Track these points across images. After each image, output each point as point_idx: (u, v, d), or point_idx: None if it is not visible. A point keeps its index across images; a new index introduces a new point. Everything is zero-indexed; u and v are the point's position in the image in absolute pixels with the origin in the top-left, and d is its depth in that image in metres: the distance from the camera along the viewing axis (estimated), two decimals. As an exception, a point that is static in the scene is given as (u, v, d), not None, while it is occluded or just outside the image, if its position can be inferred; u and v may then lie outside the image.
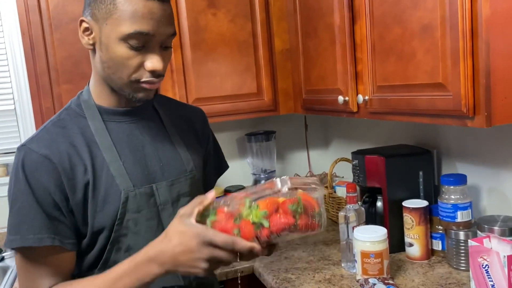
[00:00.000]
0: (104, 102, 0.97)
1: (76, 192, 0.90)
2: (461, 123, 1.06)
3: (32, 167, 0.88)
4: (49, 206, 0.88)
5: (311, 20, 1.66)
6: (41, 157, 0.88)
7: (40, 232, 0.86)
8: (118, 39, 0.86)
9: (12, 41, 1.93)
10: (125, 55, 0.87)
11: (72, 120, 0.96)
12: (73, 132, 0.93)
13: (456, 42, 1.01)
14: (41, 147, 0.89)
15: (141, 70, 0.89)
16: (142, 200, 0.94)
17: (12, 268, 1.74)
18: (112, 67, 0.89)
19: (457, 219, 1.35)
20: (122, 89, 0.92)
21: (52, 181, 0.88)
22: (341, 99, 1.46)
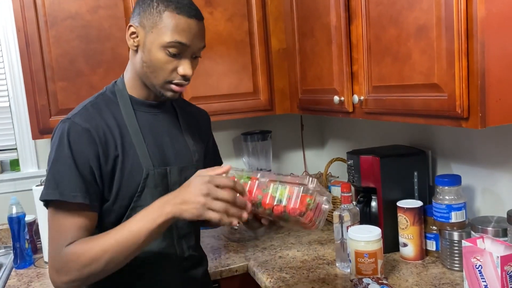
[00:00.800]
0: (136, 93, 1.15)
1: (108, 162, 1.06)
2: (455, 124, 1.06)
3: (76, 136, 1.04)
4: (85, 170, 1.03)
5: (307, 20, 1.66)
6: (83, 129, 1.04)
7: (75, 190, 1.01)
8: (159, 46, 1.05)
9: (7, 38, 1.92)
10: (163, 60, 1.06)
11: (106, 104, 1.13)
12: (107, 115, 1.10)
13: (452, 43, 1.01)
14: (84, 121, 1.06)
15: (174, 73, 1.08)
16: (158, 179, 1.12)
17: (5, 266, 1.73)
18: (151, 67, 1.08)
19: (451, 219, 1.35)
20: (154, 86, 1.10)
21: (91, 150, 1.04)
22: (336, 99, 1.46)
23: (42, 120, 1.66)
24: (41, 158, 2.01)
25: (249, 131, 2.21)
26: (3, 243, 1.93)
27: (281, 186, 1.00)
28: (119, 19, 1.71)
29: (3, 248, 1.89)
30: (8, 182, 1.96)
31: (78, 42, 1.67)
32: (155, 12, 1.05)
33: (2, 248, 1.89)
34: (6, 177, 1.96)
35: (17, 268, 1.70)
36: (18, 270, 1.69)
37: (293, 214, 0.97)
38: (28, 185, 1.93)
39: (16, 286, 1.55)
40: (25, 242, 1.70)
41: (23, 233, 1.70)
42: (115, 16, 1.70)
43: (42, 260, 1.74)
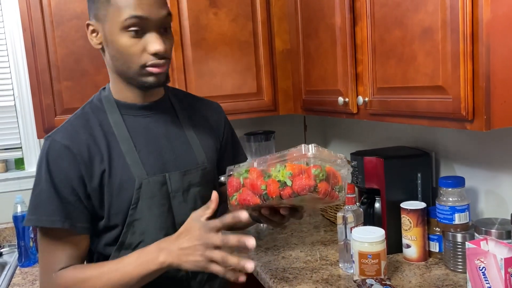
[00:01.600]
0: (122, 97, 1.06)
1: (93, 179, 0.99)
2: (460, 126, 1.06)
3: (54, 155, 0.97)
4: (66, 192, 0.97)
5: (312, 21, 1.67)
6: (62, 147, 0.98)
7: (53, 215, 0.95)
8: (118, 29, 0.95)
9: (13, 37, 1.93)
10: (128, 43, 0.95)
11: (94, 113, 1.05)
12: (94, 125, 1.03)
13: (457, 45, 1.01)
14: (64, 138, 0.99)
15: (145, 54, 0.97)
16: (155, 188, 1.03)
17: (9, 264, 1.74)
18: (120, 59, 0.98)
19: (454, 221, 1.35)
20: (134, 78, 1.00)
21: (71, 168, 0.97)
22: (341, 100, 1.47)
23: (47, 119, 1.67)
24: (45, 157, 2.01)
25: (252, 131, 2.22)
26: (8, 241, 1.94)
27: (281, 166, 0.88)
28: (124, 19, 1.71)
29: (8, 247, 1.90)
30: (13, 181, 1.97)
31: (83, 42, 1.68)
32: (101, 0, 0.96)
33: (7, 247, 1.91)
34: (10, 175, 1.97)
35: (21, 266, 1.70)
36: (22, 268, 1.70)
37: (303, 193, 0.84)
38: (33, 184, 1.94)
39: (21, 284, 1.56)
40: (29, 240, 1.71)
41: (27, 231, 1.71)
42: (120, 16, 1.71)
43: (46, 258, 1.75)
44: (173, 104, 1.15)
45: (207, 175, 1.13)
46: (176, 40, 1.79)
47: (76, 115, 1.06)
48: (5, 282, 1.58)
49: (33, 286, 1.53)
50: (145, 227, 1.03)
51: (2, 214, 1.94)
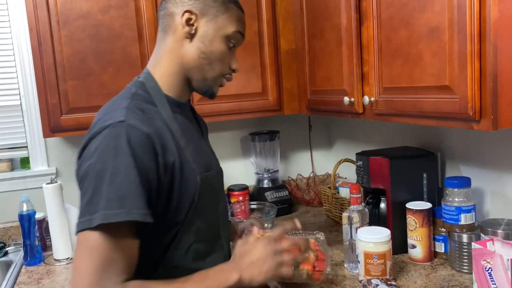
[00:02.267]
0: (173, 92, 1.03)
1: (166, 172, 0.91)
2: (467, 126, 1.06)
3: (137, 143, 0.86)
4: (147, 184, 0.87)
5: (317, 21, 1.67)
6: (143, 135, 0.88)
7: (144, 207, 0.84)
8: (223, 35, 1.01)
9: (19, 37, 1.94)
10: (224, 51, 1.02)
11: (146, 105, 0.97)
12: (152, 116, 0.94)
13: (464, 45, 1.01)
14: (142, 125, 0.89)
15: (227, 67, 1.05)
16: (209, 184, 1.02)
17: (15, 263, 1.75)
18: (209, 59, 1.01)
19: (460, 221, 1.35)
20: (205, 80, 1.04)
21: (153, 160, 0.88)
22: (346, 100, 1.47)
23: (53, 119, 1.68)
24: (51, 156, 2.02)
25: (257, 131, 2.22)
26: (14, 240, 1.95)
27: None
28: (130, 19, 1.72)
29: (13, 245, 1.91)
30: (19, 180, 1.98)
31: (89, 42, 1.68)
32: (219, 1, 1.01)
33: (13, 245, 1.91)
34: (16, 175, 1.98)
35: (27, 265, 1.71)
36: (28, 267, 1.70)
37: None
38: (38, 183, 1.95)
39: (27, 283, 1.56)
40: (35, 239, 1.72)
41: (33, 230, 1.71)
42: (126, 16, 1.71)
43: (51, 257, 1.76)
44: (191, 105, 1.19)
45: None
46: (181, 40, 1.79)
47: (133, 103, 0.94)
48: (10, 281, 1.59)
49: (38, 284, 1.54)
50: (200, 225, 0.99)
51: (8, 213, 1.95)
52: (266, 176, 2.18)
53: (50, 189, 1.69)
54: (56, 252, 1.73)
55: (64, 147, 2.03)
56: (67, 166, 2.04)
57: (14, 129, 1.99)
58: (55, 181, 1.72)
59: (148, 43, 1.75)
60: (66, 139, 2.03)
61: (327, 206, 2.02)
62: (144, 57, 1.75)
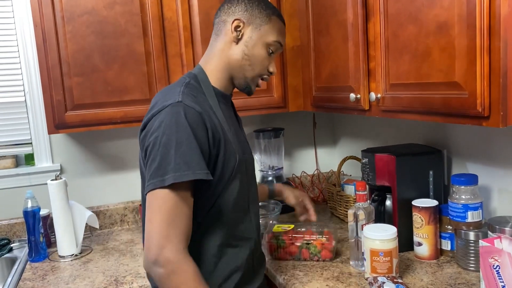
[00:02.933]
0: (219, 85, 1.21)
1: (215, 146, 1.09)
2: (476, 122, 1.05)
3: (193, 119, 1.05)
4: (203, 152, 1.05)
5: (323, 17, 1.66)
6: (197, 113, 1.06)
7: (206, 169, 1.04)
8: (265, 42, 1.19)
9: (24, 33, 1.93)
10: (264, 55, 1.20)
11: (196, 92, 1.14)
12: (201, 101, 1.12)
13: (473, 41, 1.00)
14: (195, 105, 1.07)
15: (265, 70, 1.23)
16: (243, 166, 1.18)
17: (20, 259, 1.75)
18: (250, 61, 1.19)
19: (467, 219, 1.34)
20: (245, 79, 1.22)
21: (205, 133, 1.06)
22: (352, 97, 1.46)
23: (57, 115, 1.67)
24: (55, 152, 2.02)
25: (261, 128, 2.21)
26: (18, 236, 1.95)
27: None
28: (135, 15, 1.71)
29: (18, 242, 1.91)
30: (23, 176, 1.98)
31: (94, 38, 1.68)
32: (264, 13, 1.19)
33: (17, 242, 1.91)
34: (21, 171, 1.98)
35: (31, 261, 1.71)
36: (32, 263, 1.70)
37: None
38: (43, 180, 1.95)
39: (32, 279, 1.56)
40: (40, 235, 1.72)
41: (38, 226, 1.71)
42: (130, 12, 1.71)
43: (56, 253, 1.76)
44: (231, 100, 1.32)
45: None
46: (186, 37, 1.78)
47: (185, 89, 1.12)
48: (15, 277, 1.59)
49: (43, 281, 1.54)
50: (235, 197, 1.15)
51: (13, 210, 1.95)
52: (271, 173, 2.17)
53: (54, 185, 1.69)
54: (61, 249, 1.73)
55: (68, 143, 2.03)
56: (71, 163, 2.04)
57: (18, 125, 1.99)
58: (59, 178, 1.72)
59: (152, 39, 1.74)
60: (71, 136, 2.02)
61: (332, 203, 2.01)
62: (148, 53, 1.75)
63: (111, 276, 1.54)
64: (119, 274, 1.55)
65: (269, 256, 1.55)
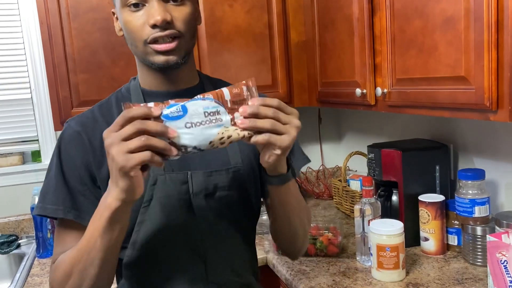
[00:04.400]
0: (147, 84, 0.96)
1: (102, 169, 0.90)
2: (483, 117, 1.05)
3: (66, 141, 0.92)
4: (74, 180, 0.90)
5: (328, 12, 1.65)
6: (74, 133, 0.91)
7: (57, 203, 0.89)
8: (120, 7, 0.88)
9: (29, 30, 1.94)
10: (128, 18, 0.87)
11: (118, 102, 0.97)
12: (115, 114, 0.94)
13: (481, 35, 0.99)
14: (78, 124, 0.93)
15: (146, 28, 0.86)
16: (172, 186, 0.91)
17: (28, 255, 1.77)
18: (128, 38, 0.90)
19: (474, 214, 1.34)
20: (143, 59, 0.90)
21: (80, 157, 0.90)
22: (358, 92, 1.45)
23: (64, 112, 1.68)
24: (61, 149, 2.03)
25: (267, 124, 2.20)
26: (26, 232, 1.97)
27: None
28: (140, 11, 1.71)
29: (25, 238, 1.93)
30: (30, 173, 1.99)
31: (99, 34, 1.68)
32: None
33: (25, 238, 1.93)
34: (28, 168, 1.99)
35: (39, 257, 1.72)
36: (40, 259, 1.72)
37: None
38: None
39: (40, 275, 1.57)
40: (47, 231, 1.73)
41: (45, 223, 1.72)
42: (135, 8, 1.71)
43: (63, 250, 1.77)
44: None
45: (240, 178, 0.96)
46: (191, 32, 1.78)
47: (100, 103, 0.99)
48: (24, 273, 1.60)
49: (51, 276, 1.55)
50: (158, 228, 0.92)
51: (20, 206, 1.96)
52: (276, 169, 2.17)
53: (61, 182, 1.70)
54: (68, 245, 1.74)
55: (74, 140, 2.04)
56: (77, 159, 2.04)
57: (25, 122, 2.00)
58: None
59: (158, 35, 1.74)
60: (77, 133, 2.03)
61: (337, 199, 2.01)
62: (154, 49, 1.75)
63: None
64: (126, 270, 1.56)
65: (275, 252, 1.55)
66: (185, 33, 0.88)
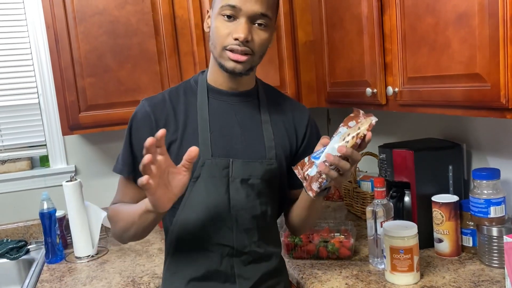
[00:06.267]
0: (214, 81, 1.15)
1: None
2: (499, 115, 1.02)
3: (138, 117, 1.12)
4: (138, 150, 1.09)
5: (336, 11, 1.63)
6: (145, 111, 1.11)
7: (124, 165, 1.13)
8: (216, 13, 1.06)
9: (36, 35, 1.94)
10: (219, 24, 1.05)
11: (185, 91, 1.16)
12: (181, 101, 1.14)
13: (496, 31, 0.97)
14: (150, 104, 1.12)
15: (229, 38, 1.04)
16: (215, 169, 1.10)
17: (37, 261, 1.76)
18: (212, 39, 1.08)
19: (490, 214, 1.31)
20: (218, 59, 1.08)
21: (146, 131, 1.08)
22: (369, 91, 1.43)
23: (71, 116, 1.67)
24: (70, 154, 2.03)
25: (275, 125, 2.19)
26: (35, 238, 1.96)
27: None
28: (146, 14, 1.70)
29: (34, 243, 1.92)
30: (39, 178, 1.99)
31: (106, 38, 1.67)
32: None
33: (34, 243, 1.92)
34: (36, 173, 1.98)
35: (48, 263, 1.72)
36: (49, 264, 1.71)
37: None
38: (58, 181, 1.95)
39: (49, 280, 1.57)
40: (56, 237, 1.72)
41: (54, 228, 1.71)
42: (142, 11, 1.70)
43: (72, 255, 1.76)
44: (260, 98, 1.19)
45: (272, 172, 1.15)
46: (198, 35, 1.77)
47: (170, 89, 1.18)
48: (33, 279, 1.59)
49: (60, 282, 1.54)
50: (200, 203, 1.11)
51: (29, 211, 1.96)
52: (285, 171, 2.15)
53: (70, 186, 1.69)
54: (77, 250, 1.73)
55: (82, 144, 2.03)
56: (86, 164, 2.04)
57: (33, 127, 2.00)
58: (74, 179, 1.72)
59: (164, 38, 1.73)
60: (85, 137, 2.03)
61: (348, 200, 1.99)
62: (161, 52, 1.74)
63: (128, 277, 1.53)
64: (136, 275, 1.55)
65: (286, 255, 1.53)
66: (257, 53, 1.08)
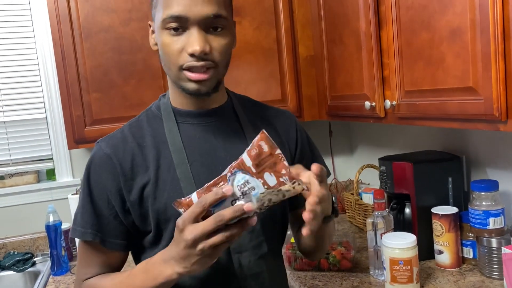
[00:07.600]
0: (178, 103, 0.96)
1: (132, 192, 0.90)
2: (492, 127, 1.04)
3: (96, 164, 0.92)
4: (102, 204, 0.91)
5: (336, 27, 1.66)
6: (104, 155, 0.92)
7: (85, 226, 0.91)
8: (160, 28, 0.87)
9: (44, 51, 1.99)
10: (167, 41, 0.86)
11: (149, 121, 0.97)
12: (146, 133, 0.94)
13: (487, 45, 0.99)
14: (108, 146, 0.92)
15: (183, 55, 0.85)
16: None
17: (43, 273, 1.78)
18: (164, 59, 0.89)
19: (489, 226, 1.32)
20: (176, 82, 0.90)
21: (109, 179, 0.91)
22: (368, 105, 1.45)
23: (77, 131, 1.71)
24: (75, 167, 2.06)
25: (277, 138, 2.21)
26: (41, 250, 1.99)
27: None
28: (150, 31, 1.75)
29: (40, 256, 1.95)
30: (45, 191, 2.02)
31: (111, 54, 1.72)
32: None
33: (40, 256, 1.95)
34: (42, 186, 2.02)
35: (54, 275, 1.74)
36: (55, 276, 1.73)
37: None
38: (64, 194, 1.99)
39: (54, 292, 1.59)
40: (61, 249, 1.75)
41: (59, 240, 1.74)
42: (146, 28, 1.73)
43: (77, 267, 1.78)
44: (237, 112, 1.00)
45: None
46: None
47: (130, 122, 0.98)
48: (38, 290, 1.62)
49: (65, 294, 1.56)
50: None
51: (35, 224, 1.99)
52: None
53: (75, 199, 1.72)
54: (82, 262, 1.75)
55: (88, 158, 2.07)
56: (91, 177, 2.07)
57: (40, 141, 2.04)
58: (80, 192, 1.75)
59: (168, 54, 1.77)
60: (90, 150, 2.06)
61: (350, 212, 2.00)
62: (164, 67, 1.78)
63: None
64: (139, 287, 1.56)
65: (288, 266, 1.54)
66: (220, 63, 0.88)
